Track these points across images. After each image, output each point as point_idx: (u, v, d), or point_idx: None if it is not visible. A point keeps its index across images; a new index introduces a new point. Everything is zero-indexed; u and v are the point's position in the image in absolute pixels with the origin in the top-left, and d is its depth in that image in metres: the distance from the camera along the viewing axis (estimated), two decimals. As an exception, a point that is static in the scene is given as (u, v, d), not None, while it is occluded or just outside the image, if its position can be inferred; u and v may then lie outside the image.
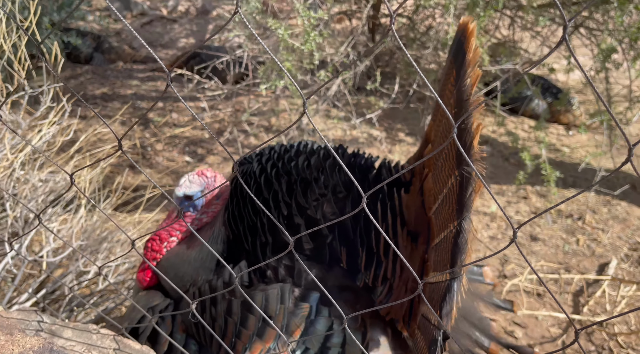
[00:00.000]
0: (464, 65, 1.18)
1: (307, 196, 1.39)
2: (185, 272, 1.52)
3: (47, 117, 2.53)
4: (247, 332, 1.28)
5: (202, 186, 1.59)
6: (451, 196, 1.13)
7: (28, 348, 0.87)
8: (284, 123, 4.74)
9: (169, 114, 4.76)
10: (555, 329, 2.65)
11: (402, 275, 1.34)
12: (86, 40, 5.84)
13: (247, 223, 1.44)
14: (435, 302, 1.11)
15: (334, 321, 1.34)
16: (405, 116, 4.88)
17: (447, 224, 1.14)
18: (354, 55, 4.21)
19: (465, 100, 1.13)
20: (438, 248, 1.18)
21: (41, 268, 2.34)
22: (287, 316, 1.32)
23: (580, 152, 4.54)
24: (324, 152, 1.51)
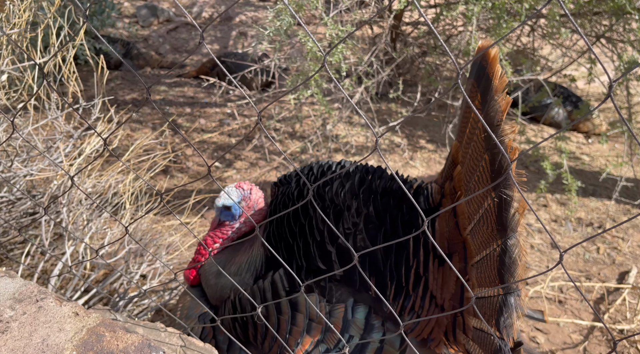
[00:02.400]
0: (491, 90, 1.27)
1: (340, 225, 1.47)
2: (225, 284, 1.66)
3: (94, 126, 2.70)
4: (298, 329, 1.43)
5: (239, 197, 1.74)
6: (489, 217, 1.25)
7: (130, 344, 1.01)
8: (307, 129, 4.88)
9: (197, 120, 4.93)
10: (577, 336, 2.74)
11: (431, 307, 1.44)
12: (116, 47, 6.04)
13: (284, 245, 1.54)
14: (489, 316, 1.23)
15: (372, 316, 1.47)
16: (425, 123, 4.98)
17: (487, 243, 1.25)
18: (377, 64, 4.33)
19: (497, 125, 1.23)
20: (480, 266, 1.29)
21: (86, 268, 2.50)
22: (326, 314, 1.46)
23: (600, 161, 4.60)
24: (360, 177, 1.56)
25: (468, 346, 1.37)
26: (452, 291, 1.42)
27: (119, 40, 6.16)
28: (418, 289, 1.43)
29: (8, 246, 2.56)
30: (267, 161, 4.33)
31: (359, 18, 5.43)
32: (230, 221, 1.75)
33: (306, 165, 1.73)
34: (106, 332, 1.02)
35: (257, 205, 1.75)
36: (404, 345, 1.48)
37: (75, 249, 2.71)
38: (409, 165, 4.41)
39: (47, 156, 1.93)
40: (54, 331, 1.00)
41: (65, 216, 2.33)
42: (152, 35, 6.80)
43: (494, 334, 1.25)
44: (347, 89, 4.38)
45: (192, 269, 1.79)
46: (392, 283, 1.42)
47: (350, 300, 1.47)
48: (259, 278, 1.58)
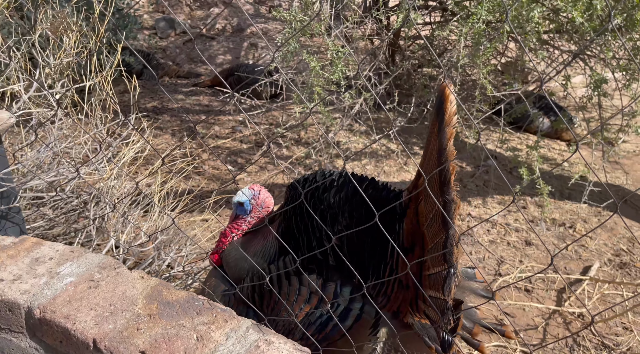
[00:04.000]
0: (443, 122, 1.75)
1: (335, 226, 1.92)
2: (243, 266, 2.15)
3: (129, 137, 3.21)
4: (302, 298, 1.92)
5: (250, 196, 2.23)
6: (437, 215, 1.72)
7: (180, 297, 1.48)
8: (312, 136, 5.36)
9: (212, 127, 5.43)
10: (539, 319, 3.20)
11: (400, 289, 1.91)
12: (137, 58, 6.57)
13: (292, 238, 1.99)
14: (438, 285, 1.71)
15: (354, 292, 1.95)
16: (420, 131, 5.44)
17: (437, 234, 1.73)
18: (375, 79, 4.80)
19: (444, 149, 1.70)
20: (432, 251, 1.76)
21: (148, 248, 3.00)
22: (322, 290, 1.95)
23: (579, 167, 5.03)
24: (352, 188, 1.99)
25: (427, 311, 1.84)
26: (414, 272, 1.90)
27: (140, 51, 6.68)
28: (391, 278, 1.91)
29: (58, 239, 3.07)
30: (274, 165, 4.81)
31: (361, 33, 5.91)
32: (244, 215, 2.24)
33: (314, 172, 2.19)
34: (163, 290, 1.50)
35: (264, 203, 2.24)
36: (378, 314, 1.96)
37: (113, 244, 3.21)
38: (403, 170, 4.87)
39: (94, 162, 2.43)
40: (128, 288, 1.49)
41: (109, 214, 2.84)
42: (170, 46, 7.32)
43: (442, 298, 1.73)
44: (348, 101, 4.86)
45: (215, 254, 2.28)
46: (374, 276, 1.91)
47: (339, 281, 1.96)
48: (272, 263, 2.07)
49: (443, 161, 1.69)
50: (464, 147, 5.08)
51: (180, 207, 3.30)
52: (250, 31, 7.81)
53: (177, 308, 1.46)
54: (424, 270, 1.86)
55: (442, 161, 1.69)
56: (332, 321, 1.98)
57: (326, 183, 2.07)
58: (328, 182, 2.07)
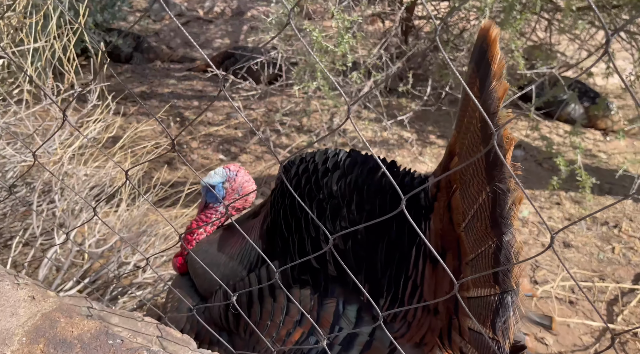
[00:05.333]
0: (489, 76, 1.18)
1: (336, 222, 1.37)
2: (214, 275, 1.60)
3: (92, 114, 2.67)
4: (291, 319, 1.38)
5: (223, 177, 1.67)
6: (483, 213, 1.16)
7: (86, 330, 0.94)
8: (315, 123, 4.80)
9: (205, 113, 4.89)
10: (588, 338, 2.61)
11: (423, 314, 1.36)
12: (127, 40, 6.05)
13: (279, 238, 1.46)
14: (485, 317, 1.15)
15: (362, 312, 1.40)
16: (436, 119, 4.86)
17: (482, 240, 1.17)
18: (386, 57, 4.22)
19: (493, 113, 1.14)
20: (475, 264, 1.20)
21: (84, 257, 2.46)
22: (318, 308, 1.41)
23: (617, 159, 4.43)
24: (365, 170, 1.45)
25: (465, 349, 1.28)
26: (447, 292, 1.34)
27: (130, 33, 6.16)
28: (413, 299, 1.35)
29: (5, 235, 2.53)
30: (272, 155, 4.26)
31: (370, 12, 5.34)
32: (215, 204, 1.69)
33: (313, 151, 1.63)
34: (61, 318, 0.95)
35: (242, 189, 1.69)
36: (393, 344, 1.42)
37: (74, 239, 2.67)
38: (418, 160, 4.30)
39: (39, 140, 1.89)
40: (5, 316, 0.94)
41: (58, 204, 2.30)
42: (164, 29, 6.80)
43: (488, 335, 1.16)
44: (355, 82, 4.29)
45: (179, 257, 1.73)
46: (389, 293, 1.35)
47: (342, 297, 1.41)
48: (252, 271, 1.52)
49: (491, 133, 1.13)
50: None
51: (153, 199, 2.75)
52: (250, 14, 7.26)
53: (78, 349, 0.91)
54: (461, 290, 1.30)
55: (489, 133, 1.13)
56: (333, 350, 1.43)
57: (328, 165, 1.51)
58: (331, 164, 1.51)
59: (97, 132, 2.59)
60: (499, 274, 1.11)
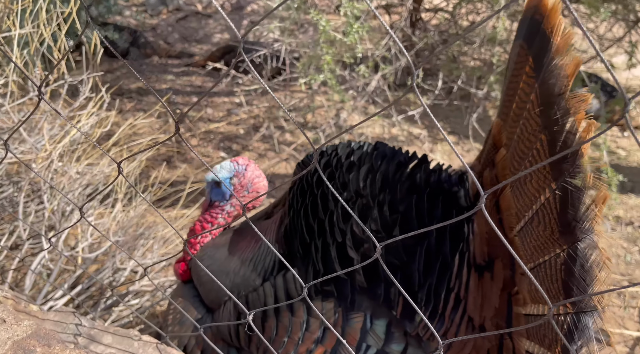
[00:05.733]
0: (549, 51, 0.99)
1: (366, 225, 1.18)
2: (222, 284, 1.40)
3: (85, 108, 2.46)
4: (311, 336, 1.19)
5: (231, 172, 1.48)
6: (548, 215, 0.96)
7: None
8: (319, 120, 4.60)
9: (204, 109, 4.69)
10: (621, 347, 2.42)
11: (467, 331, 1.17)
12: (123, 35, 5.83)
13: (300, 243, 1.27)
14: (552, 340, 0.95)
15: (391, 327, 1.21)
16: (447, 114, 4.67)
17: (546, 247, 0.97)
18: (395, 49, 4.03)
19: (560, 94, 0.94)
20: (536, 275, 1.01)
21: (76, 263, 2.26)
22: (343, 323, 1.22)
23: (637, 155, 4.24)
24: (396, 163, 1.26)
25: None
26: (496, 307, 1.14)
27: (126, 28, 5.95)
28: (455, 314, 1.15)
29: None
30: (276, 152, 4.06)
31: (376, 3, 5.14)
32: (221, 202, 1.49)
33: (334, 144, 1.43)
34: (38, 346, 0.75)
35: (252, 185, 1.49)
36: None
37: (66, 242, 2.47)
38: (429, 158, 4.10)
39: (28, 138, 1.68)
40: (-36, 345, 0.74)
41: (47, 205, 2.09)
42: (161, 24, 6.59)
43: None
44: (362, 76, 4.10)
45: (182, 262, 1.53)
46: (427, 308, 1.15)
47: (370, 311, 1.22)
48: (267, 280, 1.31)
49: (554, 118, 0.93)
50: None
51: (151, 199, 2.55)
52: (251, 9, 7.05)
53: (56, 390, 0.70)
54: (516, 305, 1.11)
55: (553, 118, 0.94)
56: (359, 372, 1.24)
57: (353, 159, 1.31)
58: (356, 158, 1.31)
59: (89, 126, 2.38)
60: (573, 290, 0.91)
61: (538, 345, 1.02)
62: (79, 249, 2.08)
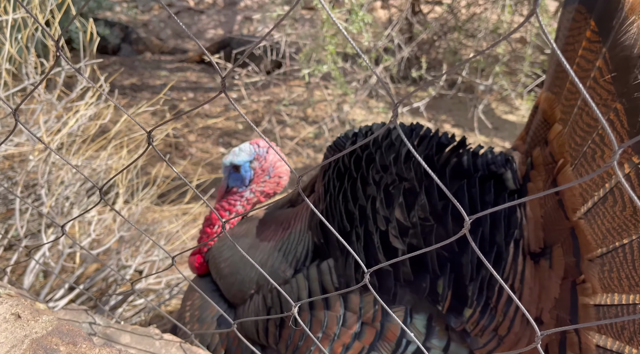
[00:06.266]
0: (621, 10, 0.89)
1: (412, 213, 1.08)
2: (247, 276, 1.28)
3: (83, 98, 2.33)
4: (348, 331, 1.08)
5: (251, 155, 1.39)
6: (621, 191, 0.87)
7: (98, 365, 0.63)
8: (320, 114, 4.49)
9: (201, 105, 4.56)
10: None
11: (522, 326, 1.07)
12: (114, 31, 5.68)
13: (338, 229, 1.16)
14: (632, 333, 0.85)
15: (432, 321, 1.11)
16: (450, 107, 4.59)
17: (624, 229, 0.88)
18: (398, 39, 3.94)
19: (637, 56, 0.84)
20: (608, 262, 0.92)
21: (76, 262, 2.12)
22: (382, 318, 1.11)
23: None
24: (432, 145, 1.16)
25: None
26: (556, 297, 1.04)
27: (117, 24, 5.79)
28: (509, 307, 1.05)
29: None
30: (278, 147, 3.95)
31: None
32: (239, 188, 1.38)
33: (366, 126, 1.33)
34: (61, 345, 0.64)
35: (274, 169, 1.38)
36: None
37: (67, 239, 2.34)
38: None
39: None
40: (-27, 346, 0.61)
41: (45, 200, 1.96)
42: (153, 20, 6.44)
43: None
44: (364, 69, 4.00)
45: (198, 255, 1.41)
46: (480, 302, 1.05)
47: (410, 305, 1.11)
48: (299, 271, 1.20)
49: (635, 83, 0.83)
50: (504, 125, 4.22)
51: (153, 196, 2.42)
52: (244, 4, 6.93)
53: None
54: (583, 295, 1.01)
55: (631, 83, 0.85)
56: (400, 369, 1.13)
57: (392, 138, 1.21)
58: (396, 137, 1.20)
59: (87, 118, 2.25)
60: None
61: (613, 339, 0.92)
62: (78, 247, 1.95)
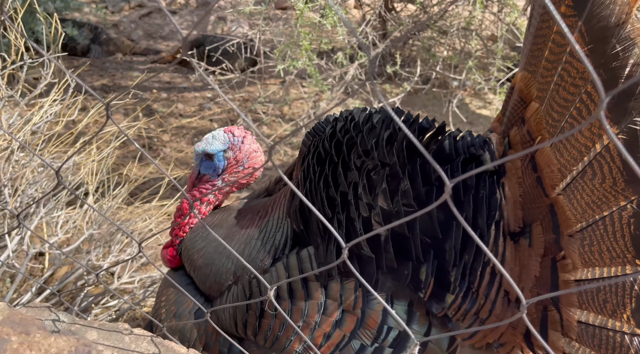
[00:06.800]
0: None
1: (395, 198, 1.06)
2: (222, 267, 1.23)
3: (48, 95, 2.24)
4: (329, 319, 1.05)
5: (225, 144, 1.34)
6: (607, 164, 0.87)
7: (54, 353, 0.58)
8: (296, 112, 4.46)
9: (175, 105, 4.47)
10: None
11: (503, 308, 1.07)
12: (82, 32, 5.53)
13: (317, 218, 1.12)
14: (617, 305, 0.85)
15: (413, 307, 1.08)
16: (424, 103, 4.62)
17: (604, 202, 0.88)
18: (372, 36, 3.94)
19: (617, 25, 0.83)
20: (588, 236, 0.92)
21: (44, 265, 2.04)
22: (363, 305, 1.08)
23: None
24: (414, 129, 1.14)
25: (572, 350, 0.97)
26: (536, 275, 1.03)
27: (86, 24, 5.65)
28: (490, 290, 1.04)
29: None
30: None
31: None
32: (211, 176, 1.34)
33: (346, 110, 1.31)
34: (12, 334, 0.58)
35: (249, 160, 1.34)
36: (453, 346, 1.11)
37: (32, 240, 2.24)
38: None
39: None
40: None
41: (9, 200, 1.87)
42: (124, 20, 6.31)
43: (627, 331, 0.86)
44: (339, 65, 3.99)
45: (170, 247, 1.36)
46: (462, 287, 1.05)
47: (390, 291, 1.10)
48: (279, 260, 1.17)
49: (625, 49, 0.82)
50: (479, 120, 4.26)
51: (124, 194, 2.34)
52: (217, 5, 6.85)
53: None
54: (563, 271, 1.00)
55: (609, 53, 0.84)
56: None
57: (374, 121, 1.18)
58: (377, 121, 1.17)
59: (53, 114, 2.16)
60: None
61: (595, 313, 0.92)
62: (46, 247, 1.87)
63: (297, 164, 1.28)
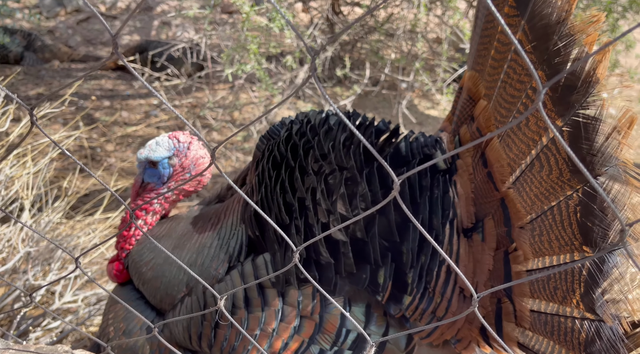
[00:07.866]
0: None
1: (354, 202, 1.04)
2: (174, 278, 1.17)
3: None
4: (287, 326, 1.02)
5: (170, 151, 1.29)
6: (553, 155, 0.88)
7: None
8: (247, 117, 4.39)
9: (119, 113, 4.28)
10: None
11: (459, 305, 1.07)
12: (15, 39, 5.21)
13: (275, 222, 1.10)
14: (567, 291, 0.86)
15: (370, 309, 1.09)
16: (375, 105, 4.67)
17: (553, 192, 0.89)
18: (321, 39, 3.94)
19: (558, 22, 0.85)
20: (538, 226, 0.93)
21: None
22: (321, 310, 1.06)
23: None
24: (370, 133, 1.13)
25: (526, 339, 0.99)
26: (489, 269, 1.05)
27: (19, 31, 5.33)
28: (446, 288, 1.05)
29: None
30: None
31: None
32: (156, 184, 1.27)
33: (303, 112, 1.27)
34: None
35: (195, 167, 1.29)
36: (410, 345, 1.11)
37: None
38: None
39: None
40: None
41: None
42: (60, 26, 6.00)
43: (579, 316, 0.87)
44: (289, 69, 3.96)
45: (116, 261, 1.27)
46: (420, 288, 1.04)
47: (348, 295, 1.09)
48: (234, 268, 1.12)
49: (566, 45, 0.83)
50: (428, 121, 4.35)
51: (65, 208, 2.20)
52: (161, 9, 6.66)
53: None
54: (515, 263, 1.02)
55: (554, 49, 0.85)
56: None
57: (330, 123, 1.17)
58: (334, 123, 1.16)
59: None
60: (594, 231, 0.82)
61: (546, 301, 0.93)
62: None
63: (250, 168, 1.23)
